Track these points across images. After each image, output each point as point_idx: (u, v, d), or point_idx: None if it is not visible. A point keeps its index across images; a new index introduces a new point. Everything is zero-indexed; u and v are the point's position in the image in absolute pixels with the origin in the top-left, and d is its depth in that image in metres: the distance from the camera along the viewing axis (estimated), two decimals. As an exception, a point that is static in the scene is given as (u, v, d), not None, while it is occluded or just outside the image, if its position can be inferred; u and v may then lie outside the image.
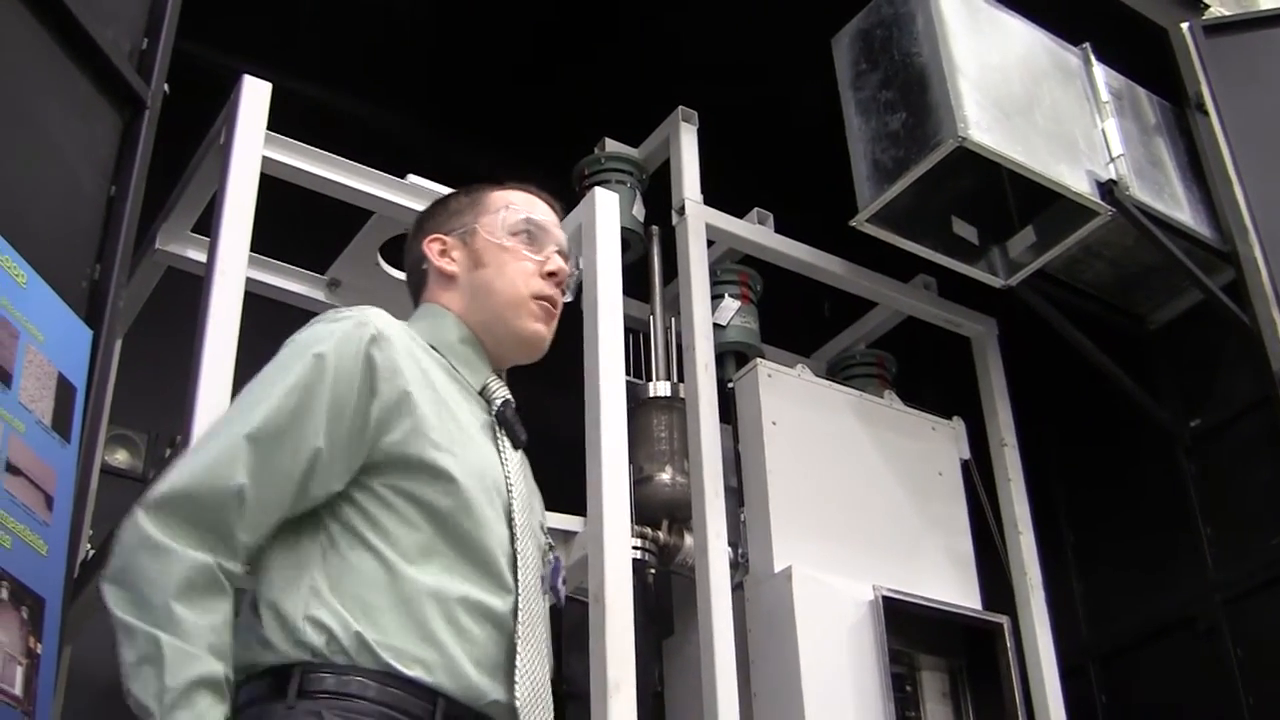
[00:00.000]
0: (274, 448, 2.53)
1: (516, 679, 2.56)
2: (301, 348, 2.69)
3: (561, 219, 3.18)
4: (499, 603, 2.60)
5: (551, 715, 2.68)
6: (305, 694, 2.44)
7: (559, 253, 3.06)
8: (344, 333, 2.69)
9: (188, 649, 2.36)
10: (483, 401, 2.88)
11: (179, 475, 2.50)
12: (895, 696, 4.83)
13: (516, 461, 2.83)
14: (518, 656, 2.57)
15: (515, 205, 3.07)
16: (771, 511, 5.07)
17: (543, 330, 2.99)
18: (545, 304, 2.99)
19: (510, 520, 2.71)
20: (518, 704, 2.55)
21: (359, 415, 2.62)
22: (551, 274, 3.01)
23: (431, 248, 3.06)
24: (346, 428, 2.60)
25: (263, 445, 2.52)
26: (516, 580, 2.64)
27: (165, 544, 2.42)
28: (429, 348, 2.87)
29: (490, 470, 2.74)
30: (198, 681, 2.35)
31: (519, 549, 2.69)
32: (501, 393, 2.92)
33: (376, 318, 2.75)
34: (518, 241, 3.02)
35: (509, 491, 2.73)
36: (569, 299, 3.10)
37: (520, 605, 2.61)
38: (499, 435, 2.84)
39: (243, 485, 2.47)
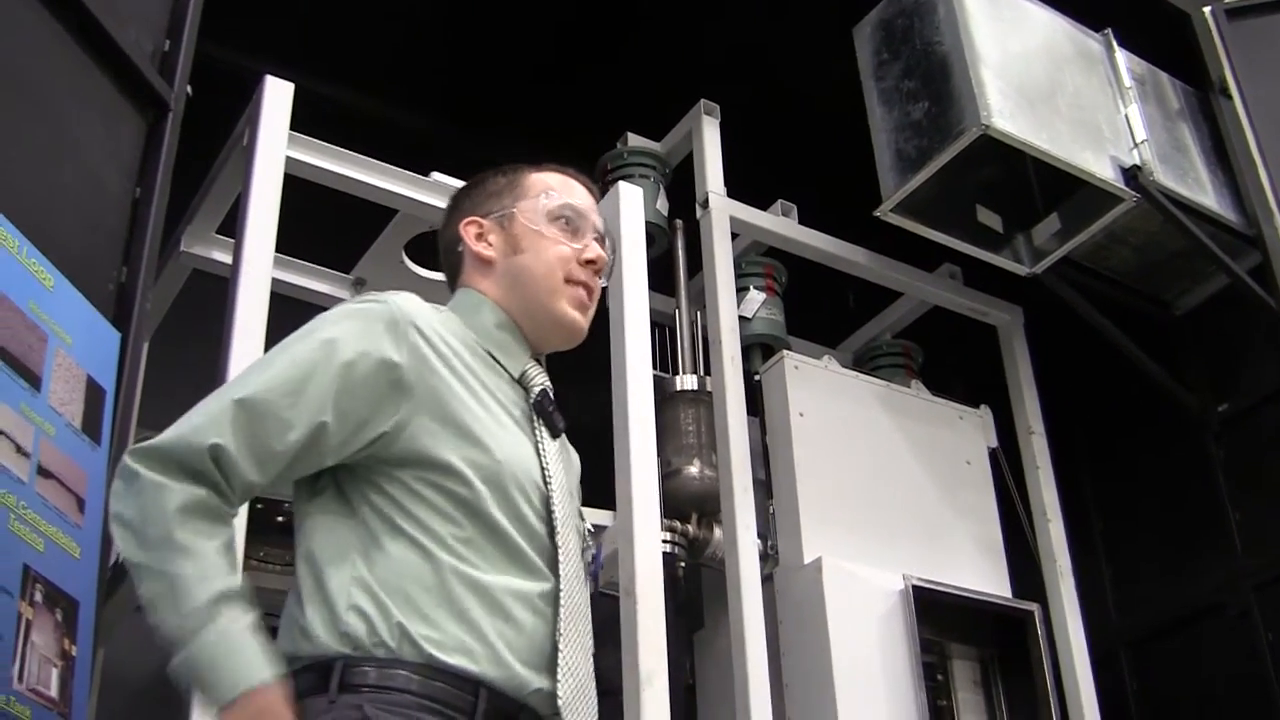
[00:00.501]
0: (263, 416, 2.49)
1: (560, 668, 2.52)
2: (323, 323, 2.66)
3: (599, 201, 3.14)
4: (540, 592, 2.56)
5: (595, 707, 2.66)
6: (347, 687, 2.40)
7: (597, 239, 3.00)
8: (368, 316, 2.66)
9: (196, 573, 2.35)
10: (521, 390, 2.83)
11: (168, 432, 2.48)
12: (926, 685, 4.83)
13: (554, 450, 2.78)
14: (560, 646, 2.54)
15: (554, 190, 3.00)
16: (800, 503, 5.07)
17: (580, 318, 2.92)
18: (583, 291, 2.92)
19: (550, 512, 2.66)
20: (560, 694, 2.52)
21: (375, 403, 2.57)
22: (590, 261, 2.94)
23: (468, 231, 2.97)
24: (356, 417, 2.56)
25: (249, 410, 2.48)
26: (558, 571, 2.60)
27: (156, 479, 2.41)
28: (465, 335, 2.81)
29: (526, 460, 2.68)
30: (215, 599, 2.33)
31: (559, 541, 2.65)
32: (540, 380, 2.86)
33: (406, 302, 2.70)
34: (556, 228, 2.95)
35: (547, 483, 2.69)
36: (604, 284, 3.04)
37: (562, 595, 2.58)
38: (536, 424, 2.79)
39: (218, 444, 2.43)
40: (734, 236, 5.54)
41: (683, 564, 5.13)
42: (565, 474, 2.80)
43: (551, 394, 2.86)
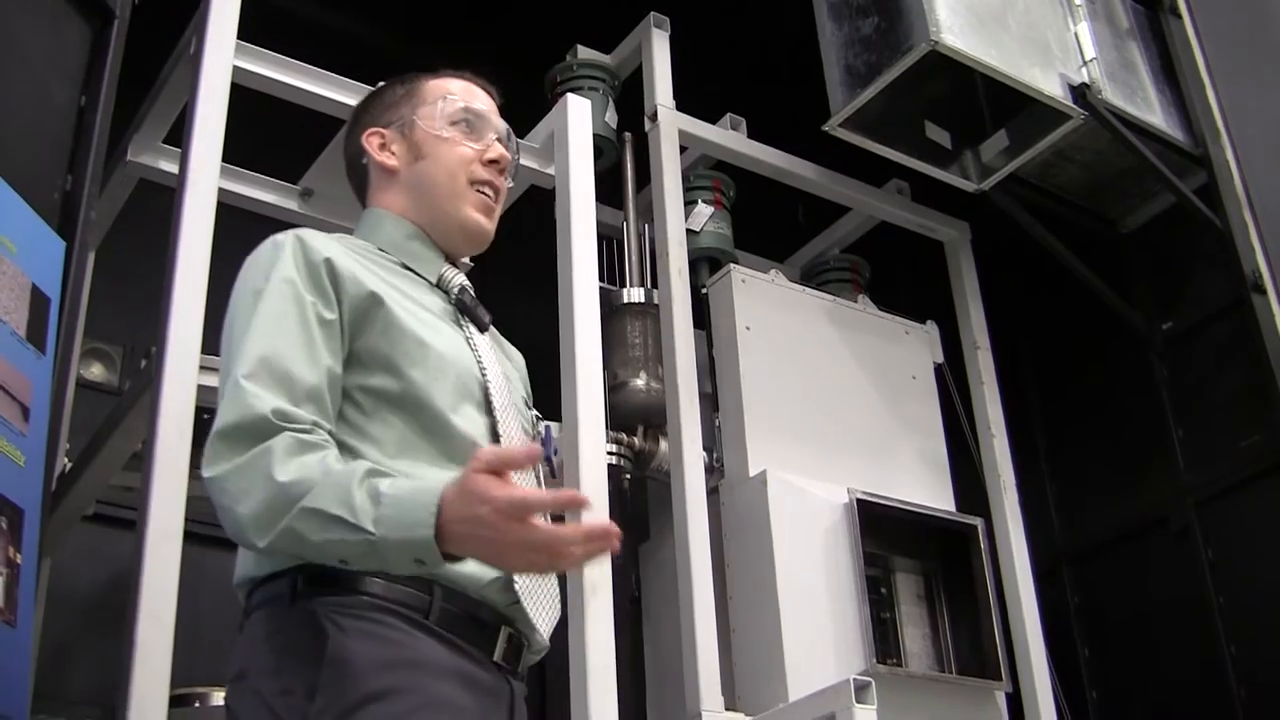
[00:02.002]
0: (282, 358, 2.46)
1: None
2: (263, 278, 2.60)
3: (499, 104, 3.11)
4: None
5: (558, 593, 2.66)
6: (301, 596, 2.40)
7: (498, 139, 2.99)
8: (295, 250, 2.64)
9: (329, 481, 2.29)
10: (441, 293, 2.86)
11: (216, 428, 2.40)
12: (870, 599, 4.86)
13: (485, 344, 2.81)
14: None
15: (453, 94, 3.00)
16: (746, 416, 5.09)
17: (484, 220, 2.94)
18: (486, 192, 2.93)
19: (489, 404, 2.68)
20: (516, 580, 2.51)
21: (335, 324, 2.57)
22: (493, 161, 2.95)
23: (370, 142, 2.99)
24: (333, 339, 2.55)
25: (269, 365, 2.44)
26: None
27: (237, 460, 2.34)
28: (378, 251, 2.84)
29: (462, 357, 2.70)
30: (361, 478, 2.28)
31: (502, 431, 2.67)
32: (457, 280, 2.87)
33: (312, 237, 2.69)
34: (457, 131, 2.95)
35: (483, 374, 2.70)
36: (510, 184, 3.05)
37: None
38: (463, 321, 2.81)
39: (275, 407, 2.38)
40: (683, 150, 5.53)
41: (628, 476, 5.14)
42: (501, 365, 2.82)
43: (471, 290, 2.89)
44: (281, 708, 2.33)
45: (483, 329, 2.85)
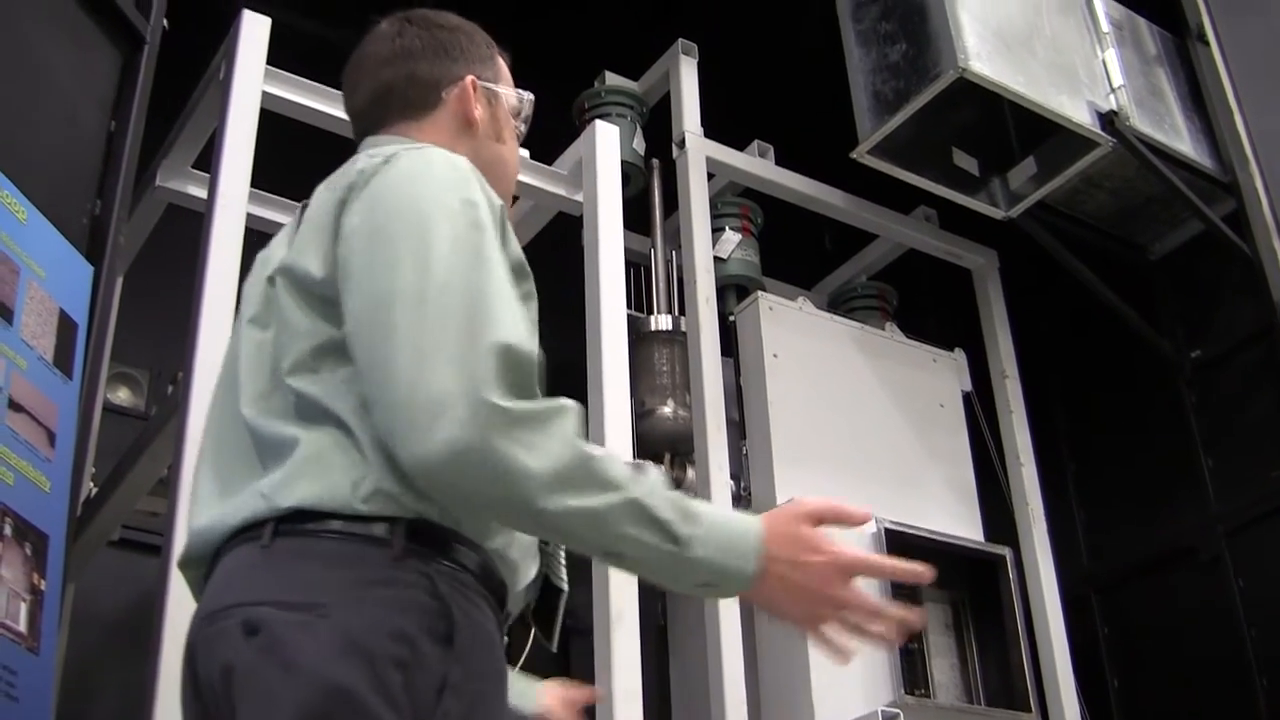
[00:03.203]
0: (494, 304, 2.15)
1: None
2: (458, 202, 2.25)
3: None
4: None
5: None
6: (411, 552, 2.09)
7: None
8: (483, 187, 2.32)
9: (650, 481, 2.13)
10: None
11: (492, 365, 2.08)
12: (898, 628, 4.84)
13: None
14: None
15: (525, 93, 2.76)
16: (773, 444, 5.08)
17: None
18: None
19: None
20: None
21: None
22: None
23: (470, 87, 2.61)
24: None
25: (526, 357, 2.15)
26: None
27: (530, 406, 2.08)
28: None
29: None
30: (673, 487, 2.17)
31: None
32: None
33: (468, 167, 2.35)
34: (515, 123, 2.72)
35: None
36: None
37: None
38: None
39: (529, 351, 2.13)
40: (710, 176, 5.53)
41: (656, 504, 5.12)
42: None
43: None
44: (395, 684, 1.99)
45: None
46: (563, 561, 2.48)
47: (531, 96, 2.76)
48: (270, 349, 2.27)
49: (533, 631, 2.49)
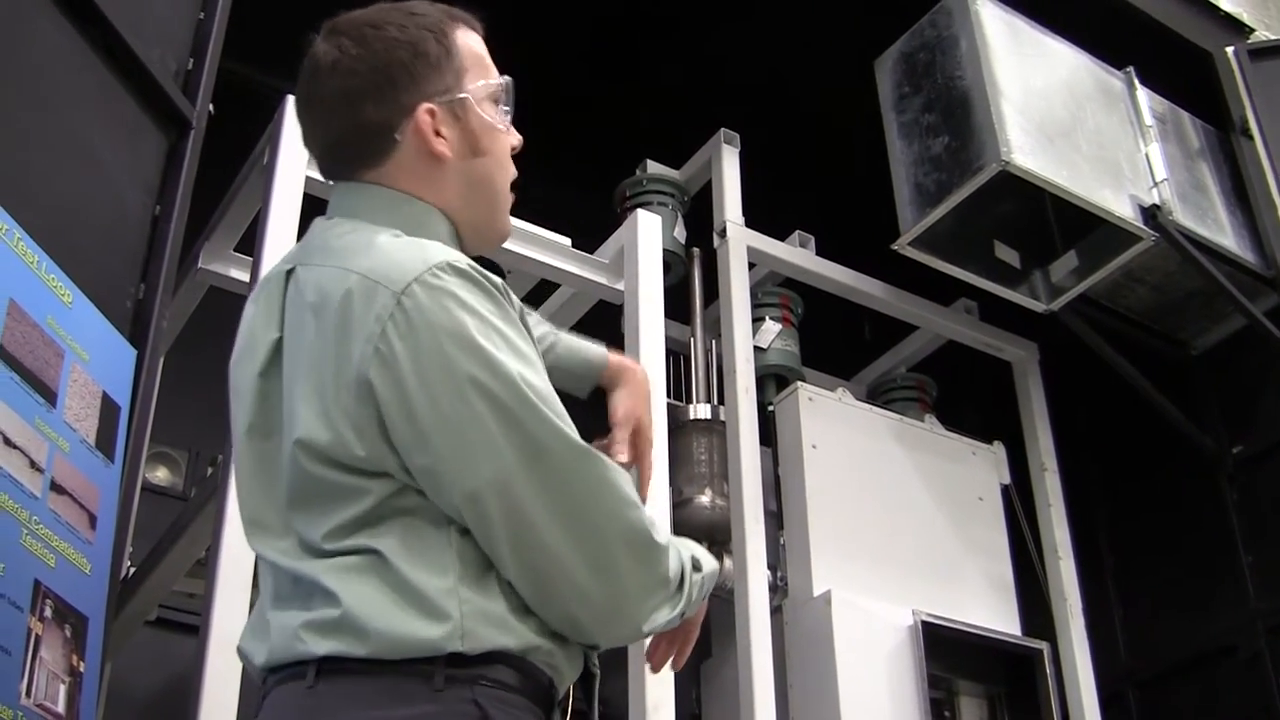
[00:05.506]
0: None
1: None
2: (486, 318, 2.09)
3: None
4: None
5: None
6: (455, 680, 2.01)
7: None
8: (507, 293, 2.18)
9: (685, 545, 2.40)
10: None
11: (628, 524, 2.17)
12: (934, 722, 4.82)
13: None
14: None
15: (487, 61, 2.44)
16: (811, 535, 5.06)
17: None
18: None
19: None
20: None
21: None
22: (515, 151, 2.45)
23: (425, 122, 2.31)
24: None
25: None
26: None
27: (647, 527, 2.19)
28: None
29: None
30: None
31: None
32: None
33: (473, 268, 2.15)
34: (498, 114, 2.41)
35: None
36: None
37: None
38: None
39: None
40: (751, 266, 5.54)
41: (692, 593, 5.11)
42: None
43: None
44: None
45: None
46: None
47: (509, 80, 2.45)
48: (284, 476, 2.18)
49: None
